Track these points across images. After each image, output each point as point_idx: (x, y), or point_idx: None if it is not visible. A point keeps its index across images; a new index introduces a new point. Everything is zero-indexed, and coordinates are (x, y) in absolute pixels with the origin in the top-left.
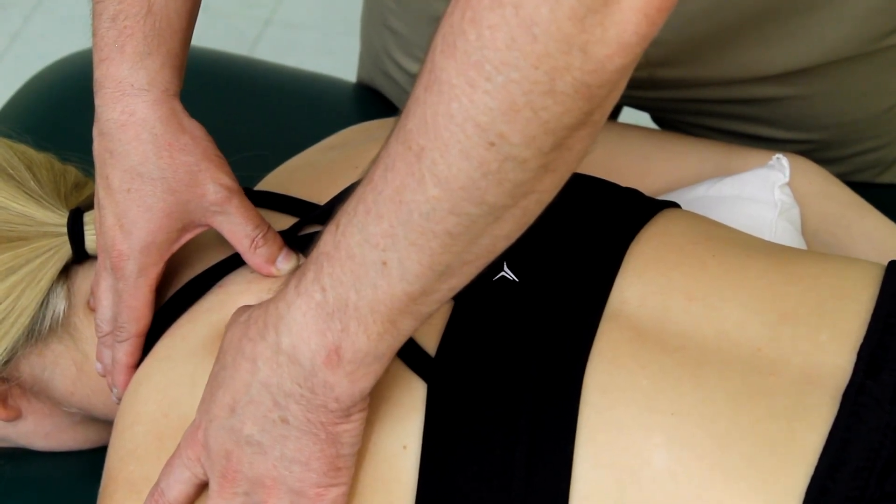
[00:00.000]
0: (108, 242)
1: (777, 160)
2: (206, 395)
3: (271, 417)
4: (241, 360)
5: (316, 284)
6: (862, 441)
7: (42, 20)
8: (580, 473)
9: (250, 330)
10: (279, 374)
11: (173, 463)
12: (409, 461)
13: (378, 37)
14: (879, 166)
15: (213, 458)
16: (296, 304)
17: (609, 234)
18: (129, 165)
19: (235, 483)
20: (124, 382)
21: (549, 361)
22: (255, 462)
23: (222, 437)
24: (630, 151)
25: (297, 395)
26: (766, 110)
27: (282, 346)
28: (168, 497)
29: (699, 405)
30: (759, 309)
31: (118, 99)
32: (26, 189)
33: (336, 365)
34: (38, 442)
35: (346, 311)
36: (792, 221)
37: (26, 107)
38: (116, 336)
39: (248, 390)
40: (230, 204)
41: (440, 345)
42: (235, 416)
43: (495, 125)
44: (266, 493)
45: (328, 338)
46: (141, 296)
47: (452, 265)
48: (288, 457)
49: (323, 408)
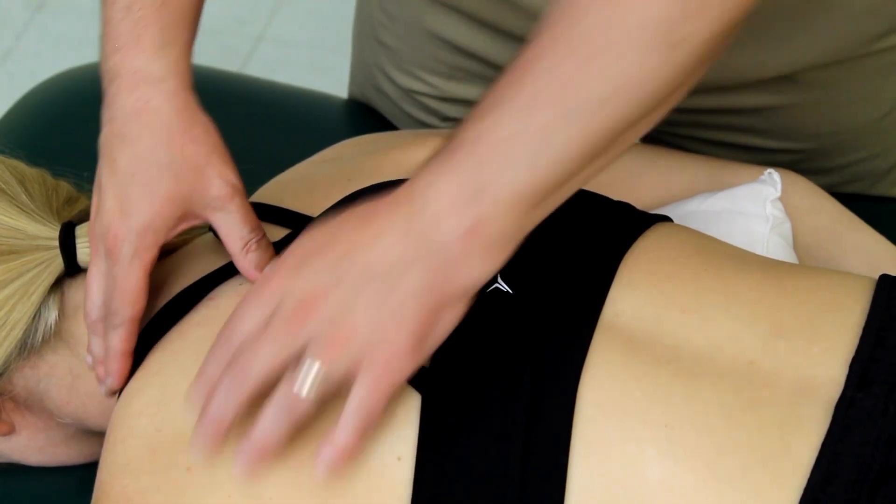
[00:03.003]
0: (104, 225)
1: (769, 175)
2: (314, 234)
3: (390, 270)
4: (376, 215)
5: (464, 163)
6: (853, 454)
7: (35, 39)
8: (574, 486)
9: (394, 197)
10: (407, 241)
11: (244, 303)
12: (403, 472)
13: (370, 52)
14: (871, 177)
15: (298, 289)
16: (443, 179)
17: (602, 247)
18: (138, 150)
19: (304, 323)
20: (120, 370)
21: (542, 373)
22: (342, 308)
23: (321, 272)
24: (621, 166)
25: (422, 264)
26: (757, 120)
27: (416, 219)
28: (236, 332)
29: (693, 417)
30: (753, 321)
31: (134, 88)
32: (18, 203)
33: (471, 243)
34: (31, 456)
35: (488, 192)
36: (783, 236)
37: (19, 124)
38: (110, 322)
39: (374, 241)
40: (232, 202)
41: (434, 356)
42: (347, 259)
43: (675, 24)
44: (332, 344)
45: (467, 217)
46: (135, 279)
47: (600, 155)
48: (383, 315)
49: (443, 283)
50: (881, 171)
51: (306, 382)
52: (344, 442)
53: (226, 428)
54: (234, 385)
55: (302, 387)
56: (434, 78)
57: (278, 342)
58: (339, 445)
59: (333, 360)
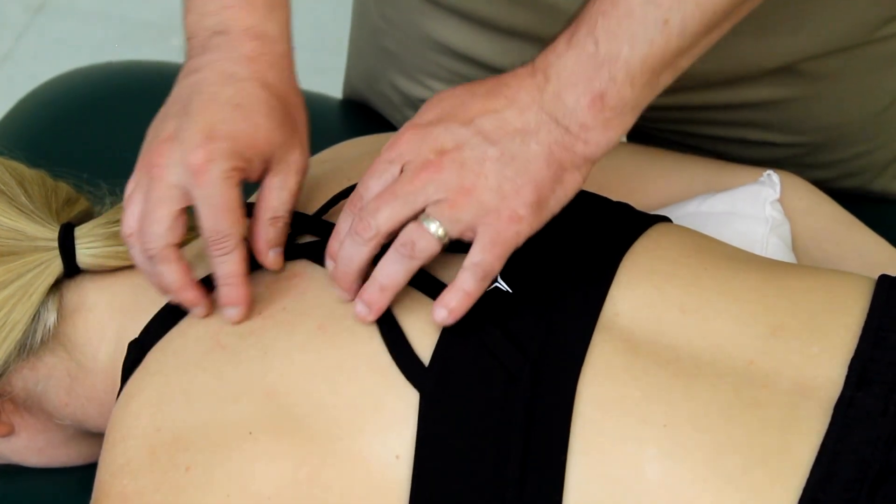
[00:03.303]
0: (188, 142)
1: (767, 176)
2: (432, 108)
3: (514, 135)
4: (501, 89)
5: (589, 38)
6: (853, 453)
7: (34, 41)
8: (573, 485)
9: (517, 73)
10: (540, 105)
11: (374, 164)
12: (401, 471)
13: (373, 57)
14: (870, 171)
15: (423, 151)
16: (567, 54)
17: (602, 247)
18: (247, 87)
19: (427, 182)
20: (245, 295)
21: (542, 373)
22: (467, 165)
23: (444, 137)
24: (620, 168)
25: (551, 126)
26: (760, 114)
27: (549, 86)
28: (365, 192)
29: (692, 417)
30: (752, 322)
31: (248, 41)
32: (17, 204)
33: (598, 110)
34: (31, 458)
35: (616, 62)
36: (782, 237)
37: (19, 125)
38: (222, 248)
39: (499, 110)
40: (297, 175)
41: (434, 354)
42: (472, 125)
43: None
44: (451, 204)
45: (595, 84)
46: (236, 197)
47: (721, 22)
48: (505, 174)
49: (564, 151)
50: (881, 164)
51: (423, 237)
52: (457, 304)
53: (354, 279)
54: (359, 238)
55: (420, 239)
56: (435, 83)
57: (400, 199)
58: (453, 306)
59: (452, 219)
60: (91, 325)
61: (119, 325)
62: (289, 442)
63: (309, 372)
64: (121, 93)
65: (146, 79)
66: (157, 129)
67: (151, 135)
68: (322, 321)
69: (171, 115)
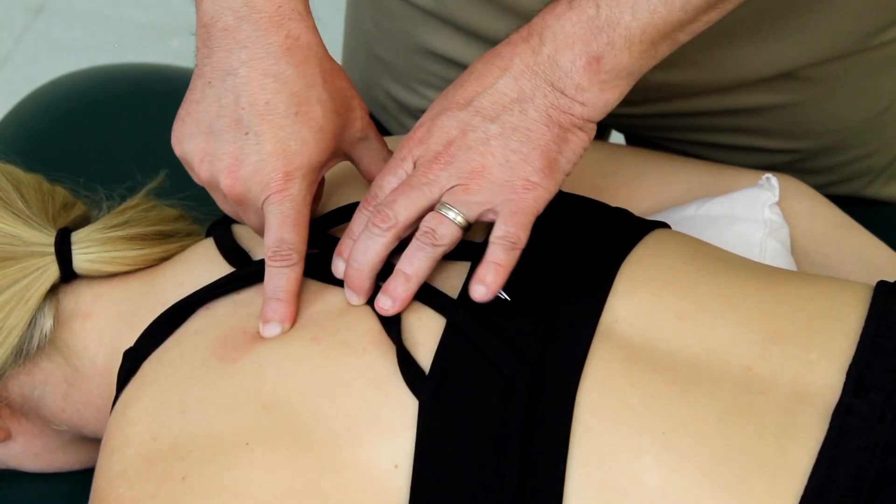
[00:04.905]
0: (265, 169)
1: (766, 180)
2: (438, 100)
3: (511, 107)
4: (494, 60)
5: (591, 1)
6: (851, 460)
7: (33, 43)
8: (572, 493)
9: (510, 39)
10: (534, 69)
11: (387, 166)
12: (400, 480)
13: (367, 65)
14: (868, 175)
15: (431, 144)
16: (566, 16)
17: (600, 254)
18: (296, 89)
19: (443, 167)
20: (293, 314)
21: (540, 381)
22: (473, 148)
23: (448, 126)
24: (619, 171)
25: (547, 90)
26: (758, 120)
27: (544, 49)
28: (379, 192)
29: (690, 424)
30: (750, 328)
31: (281, 24)
32: (14, 209)
33: (594, 72)
34: (27, 463)
35: (616, 28)
36: (781, 241)
37: (16, 128)
38: (285, 261)
39: (494, 83)
40: (372, 129)
41: (433, 361)
42: (471, 107)
43: None
44: (464, 189)
45: (593, 47)
46: (307, 215)
47: (716, 6)
48: (511, 147)
49: (567, 108)
50: (878, 169)
51: (442, 223)
52: (493, 277)
53: (367, 276)
54: (376, 230)
55: (439, 225)
56: (429, 91)
57: (416, 189)
58: (489, 280)
59: (467, 202)
60: (88, 330)
61: (116, 332)
62: (286, 452)
63: (305, 383)
64: (119, 96)
65: (145, 81)
66: (214, 148)
67: (194, 148)
68: (316, 333)
69: (224, 130)
